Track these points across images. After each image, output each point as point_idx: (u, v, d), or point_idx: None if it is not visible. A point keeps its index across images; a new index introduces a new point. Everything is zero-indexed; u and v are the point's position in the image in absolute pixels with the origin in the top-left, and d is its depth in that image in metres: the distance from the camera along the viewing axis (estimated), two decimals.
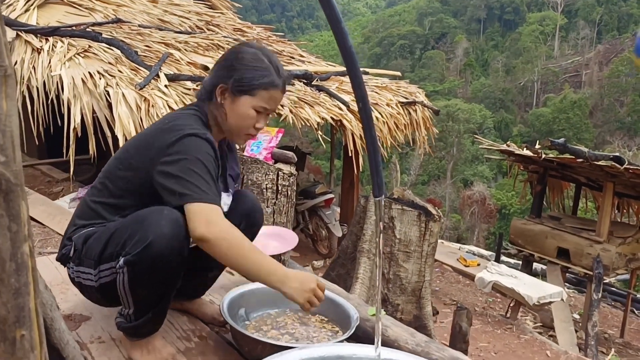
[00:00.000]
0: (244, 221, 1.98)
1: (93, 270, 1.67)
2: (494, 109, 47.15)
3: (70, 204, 4.96)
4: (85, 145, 4.17)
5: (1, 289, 0.71)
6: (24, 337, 0.74)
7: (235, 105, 1.75)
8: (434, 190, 34.19)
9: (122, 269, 1.59)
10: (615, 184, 7.22)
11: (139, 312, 1.70)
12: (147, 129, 1.83)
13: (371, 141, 1.16)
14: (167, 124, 1.71)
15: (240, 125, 1.78)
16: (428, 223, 3.44)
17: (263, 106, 1.76)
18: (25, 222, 0.72)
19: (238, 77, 1.72)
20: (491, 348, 4.85)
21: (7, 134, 0.68)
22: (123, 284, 1.62)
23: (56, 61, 4.61)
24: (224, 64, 1.78)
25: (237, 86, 1.72)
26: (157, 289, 1.66)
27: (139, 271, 1.58)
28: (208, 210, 1.56)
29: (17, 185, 0.70)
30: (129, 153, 1.75)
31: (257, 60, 1.74)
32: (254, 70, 1.72)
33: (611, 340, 7.26)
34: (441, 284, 7.14)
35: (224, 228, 1.57)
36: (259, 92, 1.73)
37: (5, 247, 0.70)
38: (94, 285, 1.70)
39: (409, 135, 6.75)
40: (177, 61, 5.15)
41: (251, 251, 1.61)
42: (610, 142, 35.33)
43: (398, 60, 57.32)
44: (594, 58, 53.60)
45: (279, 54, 6.98)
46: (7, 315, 0.72)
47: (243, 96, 1.73)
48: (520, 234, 8.15)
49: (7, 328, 0.73)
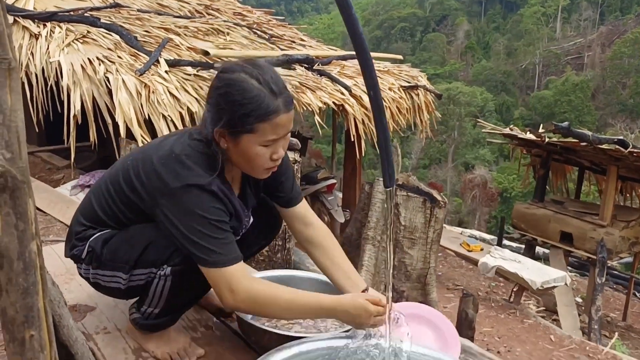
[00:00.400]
0: (263, 230, 1.96)
1: (124, 274, 1.64)
2: (495, 92, 46.95)
3: (71, 192, 4.94)
4: (86, 132, 4.13)
5: (9, 289, 0.69)
6: (33, 337, 0.72)
7: (238, 148, 1.55)
8: (435, 174, 34.18)
9: (166, 277, 1.61)
10: (619, 168, 7.19)
11: (164, 313, 1.72)
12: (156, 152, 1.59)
13: (382, 130, 1.13)
14: (173, 159, 1.53)
15: (252, 165, 1.59)
16: (433, 209, 3.42)
17: (270, 139, 1.53)
18: (33, 220, 0.70)
19: (228, 119, 1.50)
20: (495, 333, 4.85)
21: (12, 129, 0.65)
22: (162, 290, 1.64)
23: (54, 47, 4.56)
24: (212, 104, 1.56)
25: (232, 129, 1.51)
26: (193, 296, 1.73)
27: (184, 280, 1.61)
28: (227, 276, 1.49)
29: (23, 183, 0.67)
30: (135, 173, 1.60)
31: (245, 91, 1.48)
32: (242, 106, 1.48)
33: (614, 323, 7.28)
34: (444, 269, 7.14)
35: (249, 292, 1.50)
36: (258, 126, 1.50)
37: (13, 245, 0.68)
38: (121, 287, 1.68)
39: (410, 119, 6.71)
40: (177, 46, 5.09)
41: (288, 302, 1.55)
42: (612, 124, 35.20)
43: (399, 43, 56.95)
44: (596, 40, 53.21)
45: (280, 38, 6.92)
46: (16, 315, 0.70)
47: (243, 136, 1.52)
48: (523, 218, 8.14)
49: (15, 328, 0.71)
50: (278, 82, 1.53)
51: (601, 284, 6.56)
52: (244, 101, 1.48)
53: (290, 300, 1.55)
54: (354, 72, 6.16)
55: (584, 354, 4.52)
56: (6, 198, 0.67)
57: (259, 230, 1.93)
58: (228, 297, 1.50)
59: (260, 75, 1.51)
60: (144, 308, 1.71)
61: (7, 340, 0.72)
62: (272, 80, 1.51)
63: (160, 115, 4.01)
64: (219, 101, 1.52)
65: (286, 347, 1.51)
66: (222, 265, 1.49)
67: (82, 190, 4.88)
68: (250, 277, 1.54)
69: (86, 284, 2.16)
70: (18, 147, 0.67)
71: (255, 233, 1.91)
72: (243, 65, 1.54)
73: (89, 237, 1.69)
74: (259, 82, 1.50)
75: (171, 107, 4.05)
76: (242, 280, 1.50)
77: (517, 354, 4.38)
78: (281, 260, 2.80)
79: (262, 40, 6.45)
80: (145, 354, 1.78)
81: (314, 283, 2.18)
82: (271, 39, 6.65)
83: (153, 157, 1.57)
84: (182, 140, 1.59)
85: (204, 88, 4.36)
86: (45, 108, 4.33)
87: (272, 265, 2.78)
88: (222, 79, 1.53)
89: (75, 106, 4.05)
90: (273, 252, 2.77)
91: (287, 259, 2.82)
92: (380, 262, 3.51)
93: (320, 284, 2.17)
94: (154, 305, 1.68)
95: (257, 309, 1.57)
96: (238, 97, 1.48)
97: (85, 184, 4.93)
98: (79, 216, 1.75)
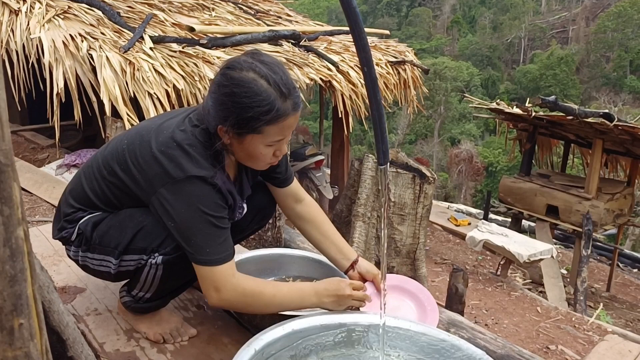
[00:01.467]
0: (257, 214, 1.94)
1: (114, 259, 1.61)
2: (481, 67, 46.92)
3: (57, 171, 4.88)
4: (70, 110, 4.06)
5: None
6: (22, 325, 0.70)
7: (242, 145, 1.51)
8: (422, 149, 34.28)
9: (157, 265, 1.59)
10: (604, 141, 7.24)
11: (156, 296, 1.71)
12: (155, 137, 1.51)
13: (376, 107, 1.11)
14: (176, 148, 1.47)
15: (255, 162, 1.57)
16: (422, 185, 3.42)
17: (275, 140, 1.51)
18: (19, 205, 0.67)
19: (235, 118, 1.44)
20: (482, 305, 4.91)
21: None
22: (154, 277, 1.62)
23: (35, 23, 4.45)
24: (216, 100, 1.47)
25: (237, 128, 1.46)
26: (185, 281, 1.72)
27: (176, 270, 1.60)
28: (215, 276, 1.48)
29: (7, 166, 0.64)
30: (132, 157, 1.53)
31: (252, 92, 1.42)
32: (251, 108, 1.42)
33: (598, 294, 7.40)
34: (431, 243, 7.19)
35: (235, 291, 1.50)
36: (265, 128, 1.46)
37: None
38: (111, 272, 1.65)
39: (397, 95, 6.68)
40: (162, 22, 5.00)
41: (273, 296, 1.55)
42: (596, 98, 35.45)
43: (385, 18, 56.54)
44: (580, 13, 53.23)
45: (265, 14, 6.82)
46: (4, 303, 0.68)
47: (248, 136, 1.48)
48: (509, 192, 8.19)
49: (3, 317, 0.69)
50: (288, 83, 1.46)
51: (587, 256, 6.65)
52: (252, 104, 1.42)
53: (273, 293, 1.55)
54: (341, 48, 6.10)
55: (570, 325, 4.59)
56: None
57: (252, 216, 1.90)
58: (213, 295, 1.49)
59: (270, 74, 1.44)
60: (134, 292, 1.69)
61: None
62: (282, 81, 1.45)
63: (146, 93, 3.95)
64: (224, 100, 1.44)
65: (280, 326, 1.50)
66: (211, 265, 1.47)
67: (68, 169, 4.82)
68: (236, 277, 1.51)
69: (75, 266, 2.13)
70: (1, 128, 0.64)
71: (249, 219, 1.90)
72: (252, 62, 1.46)
73: (78, 219, 1.65)
74: (269, 82, 1.43)
75: (157, 85, 3.99)
76: (229, 279, 1.49)
77: (505, 326, 4.44)
78: (271, 238, 2.79)
79: (248, 16, 6.35)
80: (137, 335, 1.76)
81: (304, 261, 2.18)
82: (257, 15, 6.55)
83: (152, 142, 1.50)
84: (183, 127, 1.52)
85: (190, 65, 4.29)
86: (28, 86, 4.24)
87: (262, 244, 2.76)
88: (229, 77, 1.44)
89: (58, 84, 3.97)
90: (263, 231, 2.75)
91: (277, 237, 2.81)
92: (371, 238, 3.52)
93: (311, 262, 2.16)
94: (145, 290, 1.67)
95: (241, 306, 1.58)
96: (246, 99, 1.42)
97: (71, 164, 4.87)
98: (68, 197, 1.69)
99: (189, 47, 4.54)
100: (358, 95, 5.60)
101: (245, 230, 1.97)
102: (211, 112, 1.49)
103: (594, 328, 4.60)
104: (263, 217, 1.99)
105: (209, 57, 4.47)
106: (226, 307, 1.59)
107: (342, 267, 1.85)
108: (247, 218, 1.86)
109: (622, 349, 3.28)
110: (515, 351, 2.24)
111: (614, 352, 3.23)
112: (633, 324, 6.12)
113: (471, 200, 26.18)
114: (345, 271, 1.85)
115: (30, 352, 0.71)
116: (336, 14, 56.35)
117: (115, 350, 1.69)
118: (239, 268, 2.06)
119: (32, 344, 0.71)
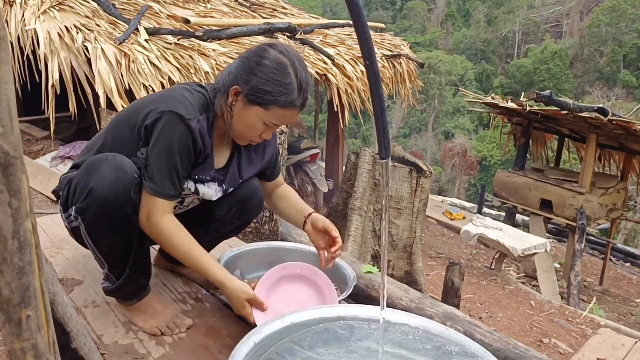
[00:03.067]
0: (235, 207, 1.93)
1: (64, 214, 1.68)
2: (475, 60, 46.90)
3: (51, 163, 4.85)
4: (65, 102, 4.04)
5: (4, 269, 0.67)
6: (29, 317, 0.70)
7: (244, 112, 1.64)
8: (416, 142, 34.30)
9: (77, 219, 1.60)
10: (598, 136, 7.27)
11: (114, 270, 1.68)
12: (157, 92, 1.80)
13: (378, 100, 1.11)
14: (170, 91, 1.68)
15: (243, 132, 1.69)
16: (419, 179, 3.42)
17: (274, 122, 1.66)
18: (27, 197, 0.67)
19: (255, 85, 1.59)
20: (476, 299, 4.93)
21: (3, 102, 0.62)
22: (84, 235, 1.63)
23: (30, 14, 4.42)
24: (245, 64, 1.63)
25: (251, 94, 1.60)
26: (117, 237, 1.63)
27: (90, 218, 1.57)
28: (151, 205, 1.59)
29: (16, 158, 0.64)
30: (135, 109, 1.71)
31: (282, 73, 1.59)
32: (274, 84, 1.59)
33: (590, 288, 7.45)
34: (426, 237, 7.21)
35: (155, 227, 1.61)
36: (273, 107, 1.61)
37: (7, 224, 0.65)
38: (68, 228, 1.71)
39: (392, 88, 6.68)
40: (157, 14, 4.98)
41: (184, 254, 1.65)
42: (590, 92, 35.51)
43: (379, 12, 56.38)
44: (575, 7, 53.23)
45: (261, 6, 6.79)
46: (11, 295, 0.68)
47: (255, 106, 1.62)
48: (504, 186, 8.22)
49: (11, 309, 0.69)
50: (308, 82, 1.65)
51: (580, 250, 6.69)
52: (277, 81, 1.59)
53: (185, 253, 1.65)
54: (337, 41, 6.09)
55: (563, 318, 4.62)
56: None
57: (229, 207, 1.92)
58: (143, 221, 1.61)
59: (299, 69, 1.63)
60: (104, 273, 1.73)
61: (2, 320, 0.70)
62: (304, 80, 1.64)
63: (141, 85, 3.93)
64: (254, 67, 1.60)
65: (278, 319, 1.51)
66: (152, 193, 1.58)
67: (63, 161, 4.80)
68: (165, 216, 1.62)
69: (73, 258, 2.15)
70: (9, 121, 0.64)
71: (226, 209, 1.92)
72: (288, 52, 1.65)
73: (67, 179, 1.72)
74: (295, 75, 1.61)
75: (152, 77, 3.98)
76: (158, 214, 1.60)
77: (499, 319, 4.46)
78: (268, 231, 2.79)
79: (243, 8, 6.33)
80: (135, 327, 1.76)
81: (301, 254, 2.19)
82: (252, 7, 6.53)
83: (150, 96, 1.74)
84: (182, 83, 1.76)
85: (185, 57, 4.28)
86: (22, 78, 4.21)
87: (259, 237, 2.77)
88: (272, 54, 1.61)
89: (53, 75, 3.95)
90: (260, 224, 2.76)
91: (274, 230, 2.82)
92: (367, 232, 3.53)
93: (308, 255, 2.17)
94: (98, 261, 1.69)
95: (160, 241, 1.66)
96: (273, 75, 1.58)
97: (66, 155, 4.85)
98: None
99: (184, 39, 4.52)
100: (353, 89, 5.60)
101: (224, 223, 1.96)
102: (233, 72, 1.64)
103: (587, 322, 4.63)
104: (242, 212, 1.96)
105: (204, 50, 4.46)
106: (149, 235, 1.65)
107: (299, 222, 1.96)
108: (224, 207, 1.90)
109: (615, 342, 3.30)
110: (511, 344, 2.26)
111: (607, 345, 3.25)
112: (625, 317, 6.17)
113: (465, 194, 26.26)
114: (302, 226, 1.96)
115: (38, 344, 0.71)
116: (330, 7, 56.23)
117: (113, 343, 1.69)
118: (238, 260, 2.09)
119: (39, 335, 0.71)
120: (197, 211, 1.91)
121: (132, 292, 1.75)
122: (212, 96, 1.69)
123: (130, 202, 1.57)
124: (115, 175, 1.53)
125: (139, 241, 1.67)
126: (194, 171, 1.70)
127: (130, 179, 1.56)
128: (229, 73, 1.65)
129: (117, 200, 1.53)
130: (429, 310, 2.32)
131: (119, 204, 1.54)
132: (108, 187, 1.52)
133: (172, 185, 1.60)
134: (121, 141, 1.67)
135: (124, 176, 1.55)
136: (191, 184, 1.72)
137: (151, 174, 1.57)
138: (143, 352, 1.66)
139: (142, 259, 1.71)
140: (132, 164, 1.59)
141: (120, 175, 1.54)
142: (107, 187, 1.52)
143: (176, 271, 2.17)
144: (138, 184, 1.59)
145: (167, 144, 1.56)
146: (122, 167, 1.55)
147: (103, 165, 1.54)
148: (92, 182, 1.52)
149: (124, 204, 1.55)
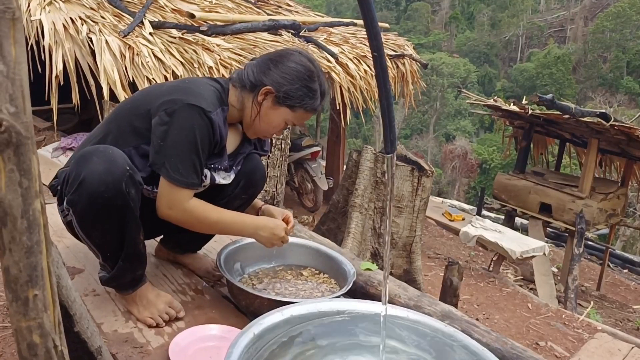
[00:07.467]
0: (243, 180, 1.97)
1: (59, 207, 1.70)
2: (478, 63, 46.90)
3: (53, 154, 4.86)
4: (68, 93, 4.05)
5: (13, 248, 0.67)
6: (36, 297, 0.71)
7: (272, 111, 1.77)
8: (417, 144, 34.29)
9: (69, 211, 1.60)
10: (599, 141, 7.28)
11: (109, 260, 1.68)
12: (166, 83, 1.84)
13: (385, 95, 1.11)
14: (186, 83, 1.73)
15: (265, 129, 1.82)
16: (421, 178, 3.43)
17: (294, 121, 1.82)
18: (37, 177, 0.68)
19: (289, 90, 1.73)
20: (474, 300, 4.94)
21: (17, 82, 0.63)
22: (76, 227, 1.62)
23: (35, 5, 4.43)
24: (279, 68, 1.75)
25: (284, 97, 1.74)
26: (109, 229, 1.60)
27: (81, 210, 1.56)
28: (174, 195, 1.64)
29: (27, 138, 0.65)
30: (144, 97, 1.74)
31: (311, 81, 1.76)
32: (305, 90, 1.75)
33: (588, 293, 7.46)
34: (425, 238, 7.22)
35: (184, 213, 1.67)
36: (299, 110, 1.77)
37: (16, 203, 0.66)
38: (64, 222, 1.72)
39: (395, 89, 6.68)
40: (162, 8, 4.98)
41: (216, 222, 1.73)
42: (592, 98, 35.49)
43: (383, 12, 56.34)
44: (579, 12, 53.24)
45: (266, 3, 6.80)
46: (19, 274, 0.69)
47: (284, 107, 1.76)
48: (504, 189, 8.23)
49: (19, 288, 0.69)
50: (326, 93, 1.84)
51: (578, 254, 6.70)
52: (307, 87, 1.75)
53: (219, 219, 1.73)
54: (341, 40, 6.09)
55: (560, 322, 4.63)
56: (10, 154, 0.64)
57: (237, 182, 1.96)
58: (164, 210, 1.67)
59: (321, 79, 1.80)
60: (99, 263, 1.73)
61: (10, 299, 0.70)
62: (325, 87, 1.82)
63: (144, 78, 3.94)
64: (292, 73, 1.74)
65: (278, 312, 1.51)
66: (175, 184, 1.62)
67: (64, 152, 4.80)
68: (190, 203, 1.67)
69: (74, 246, 2.15)
70: (22, 101, 0.64)
71: (234, 184, 1.96)
72: (317, 63, 1.82)
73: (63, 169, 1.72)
74: (320, 83, 1.79)
75: (156, 70, 3.98)
76: (183, 204, 1.66)
77: (496, 321, 4.48)
78: None
79: (248, 4, 6.33)
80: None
81: (305, 249, 2.19)
82: (257, 3, 6.53)
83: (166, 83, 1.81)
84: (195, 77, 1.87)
85: (189, 52, 4.28)
86: None
87: None
88: (303, 62, 1.76)
89: (57, 67, 3.96)
90: None
91: None
92: (367, 229, 3.53)
93: (312, 251, 2.18)
94: (93, 252, 1.69)
95: (188, 224, 1.72)
96: (306, 82, 1.75)
97: (67, 147, 4.85)
98: None
99: (188, 33, 4.53)
100: (356, 88, 5.60)
101: (233, 198, 2.00)
102: (264, 71, 1.75)
103: (583, 326, 4.64)
104: (249, 185, 2.01)
105: (209, 45, 4.46)
106: (172, 221, 1.69)
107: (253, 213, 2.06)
108: (232, 183, 1.94)
109: (612, 347, 3.31)
110: (508, 345, 2.26)
111: (604, 350, 3.26)
112: (622, 323, 6.18)
113: (464, 197, 26.25)
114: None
115: (44, 323, 0.72)
116: (335, 6, 56.16)
117: (113, 331, 1.69)
118: (238, 253, 2.09)
119: (46, 315, 0.72)
120: (206, 190, 1.90)
121: (127, 283, 1.74)
122: (227, 89, 1.79)
123: (121, 195, 1.54)
124: (106, 167, 1.52)
125: (132, 234, 1.65)
126: (209, 161, 1.74)
127: (122, 171, 1.54)
128: (259, 72, 1.76)
129: (108, 192, 1.52)
130: (427, 309, 2.32)
131: (109, 195, 1.52)
132: (98, 179, 1.51)
133: (196, 175, 1.65)
134: (128, 130, 1.68)
135: (115, 168, 1.53)
136: (207, 173, 1.77)
137: (174, 166, 1.61)
138: (142, 342, 1.66)
139: (135, 251, 1.69)
140: (125, 156, 1.57)
141: (110, 167, 1.52)
142: (97, 179, 1.50)
143: (177, 262, 2.17)
144: (130, 177, 1.56)
145: (190, 136, 1.60)
146: (113, 158, 1.54)
147: (94, 157, 1.53)
148: (82, 173, 1.51)
149: (114, 195, 1.53)
